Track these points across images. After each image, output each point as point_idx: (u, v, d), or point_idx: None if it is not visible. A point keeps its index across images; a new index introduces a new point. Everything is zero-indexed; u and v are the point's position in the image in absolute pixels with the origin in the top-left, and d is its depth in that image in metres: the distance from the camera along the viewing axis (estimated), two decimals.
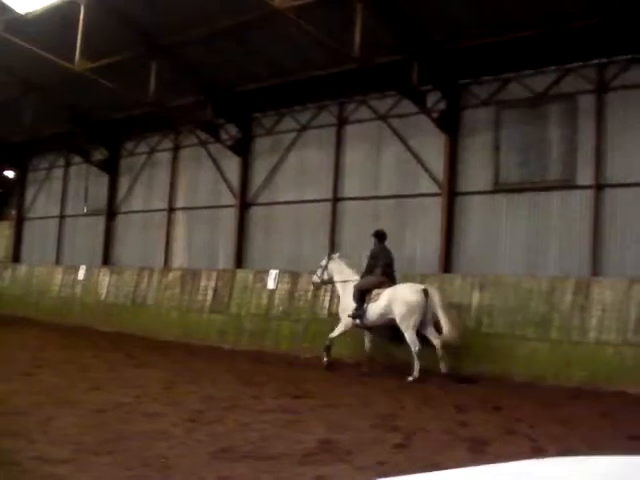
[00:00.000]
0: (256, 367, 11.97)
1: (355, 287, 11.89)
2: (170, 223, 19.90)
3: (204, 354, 13.63)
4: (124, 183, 21.73)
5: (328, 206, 16.11)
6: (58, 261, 23.59)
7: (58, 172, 24.78)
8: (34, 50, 16.30)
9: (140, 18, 15.96)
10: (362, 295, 11.72)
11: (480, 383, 10.49)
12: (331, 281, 12.59)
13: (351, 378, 11.01)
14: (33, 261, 24.41)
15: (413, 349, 10.95)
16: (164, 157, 20.49)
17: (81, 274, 20.52)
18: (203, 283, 16.60)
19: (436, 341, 11.06)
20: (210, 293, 16.23)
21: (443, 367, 10.92)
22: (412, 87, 13.77)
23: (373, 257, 12.18)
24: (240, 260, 17.62)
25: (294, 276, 14.92)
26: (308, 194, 16.56)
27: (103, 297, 19.20)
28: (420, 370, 10.75)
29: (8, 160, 26.76)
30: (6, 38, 16.43)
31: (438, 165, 14.23)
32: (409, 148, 14.78)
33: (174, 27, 15.71)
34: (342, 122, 16.23)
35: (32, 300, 21.94)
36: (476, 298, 12.05)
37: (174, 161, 20.14)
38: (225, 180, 18.42)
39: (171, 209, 19.95)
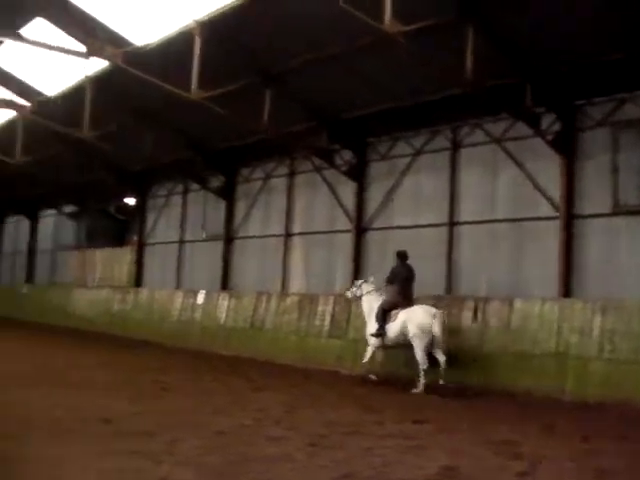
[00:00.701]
0: (372, 392, 12.30)
1: (378, 307, 13.34)
2: (287, 248, 20.72)
3: (322, 378, 14.07)
4: (241, 209, 22.75)
5: (444, 230, 16.44)
6: (178, 285, 24.86)
7: (177, 199, 26.16)
8: (152, 80, 17.47)
9: (253, 47, 16.78)
10: (383, 315, 13.15)
11: (605, 412, 10.50)
12: (360, 297, 14.23)
13: (463, 403, 11.26)
14: (154, 285, 25.76)
15: (421, 366, 12.41)
16: (280, 183, 21.36)
17: (200, 298, 21.54)
18: (320, 308, 17.16)
19: (441, 359, 12.51)
20: (328, 318, 16.79)
21: (441, 380, 12.37)
22: (526, 109, 14.00)
23: (393, 274, 13.60)
24: None
25: None
26: (423, 218, 16.95)
27: (222, 321, 20.09)
28: (425, 384, 12.22)
29: (129, 188, 28.41)
30: (125, 69, 17.67)
31: (554, 188, 14.33)
32: (524, 171, 14.96)
33: (287, 55, 16.44)
34: (456, 146, 16.56)
35: (153, 324, 23.16)
36: (598, 323, 12.07)
37: (290, 187, 20.98)
38: (341, 205, 19.04)
39: (288, 234, 20.77)
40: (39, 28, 19.07)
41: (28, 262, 37.12)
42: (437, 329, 12.52)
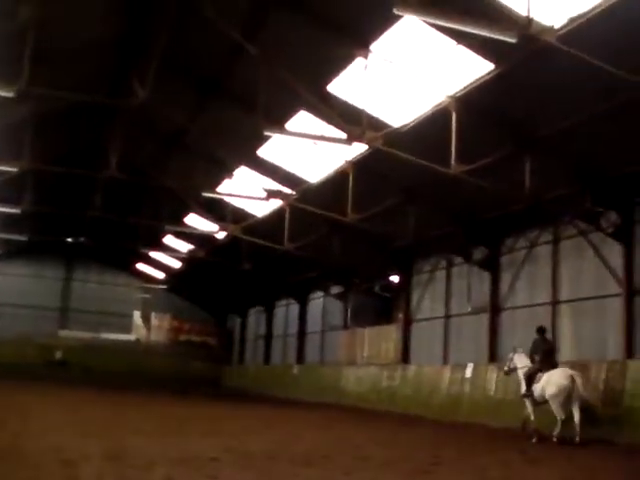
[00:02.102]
0: None
1: (523, 374, 15.93)
2: (554, 316, 20.93)
3: (598, 451, 13.87)
4: (505, 279, 23.36)
5: None
6: (445, 360, 25.70)
7: (441, 273, 27.31)
8: (411, 159, 18.83)
9: (512, 115, 17.65)
10: (529, 379, 15.64)
11: None
12: (515, 369, 16.41)
13: None
14: (421, 361, 26.83)
15: (558, 417, 14.69)
16: (544, 250, 21.80)
17: (468, 372, 22.19)
18: (592, 375, 17.13)
19: (576, 415, 14.59)
20: (601, 386, 16.73)
21: (577, 437, 14.40)
22: None
23: (534, 346, 16.12)
24: (630, 350, 17.96)
25: None
26: None
27: (492, 393, 20.54)
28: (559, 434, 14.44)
29: (393, 265, 30.03)
30: (385, 151, 19.23)
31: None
32: None
33: (547, 118, 17.06)
34: None
35: (422, 399, 24.10)
36: None
37: (554, 254, 21.33)
38: (608, 268, 19.08)
39: (554, 302, 21.01)
40: (301, 120, 21.41)
41: (298, 343, 39.95)
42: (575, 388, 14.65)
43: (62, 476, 7.50)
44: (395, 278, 31.19)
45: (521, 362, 16.18)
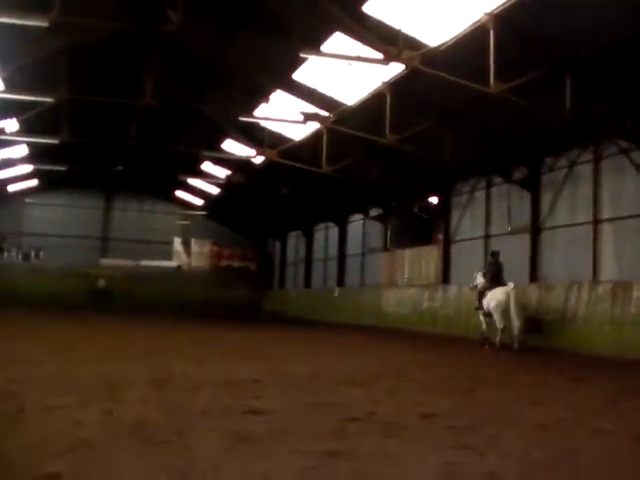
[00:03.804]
0: None
1: (477, 291, 19.24)
2: (596, 236, 21.06)
3: None
4: (546, 199, 23.43)
5: None
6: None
7: (480, 194, 27.43)
8: (450, 79, 18.77)
9: (551, 34, 17.41)
10: (480, 295, 18.95)
11: None
12: (475, 287, 19.57)
13: None
14: (461, 281, 27.13)
15: (498, 326, 18.07)
16: (585, 169, 21.78)
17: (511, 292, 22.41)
18: (635, 294, 17.33)
19: (515, 324, 17.53)
20: None
21: (516, 344, 17.41)
22: None
23: (487, 268, 19.48)
24: None
25: None
26: None
27: (532, 313, 20.81)
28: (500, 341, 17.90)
29: (432, 187, 30.17)
30: (422, 71, 19.19)
31: None
32: None
33: (585, 38, 16.82)
34: None
35: (462, 320, 24.47)
36: None
37: (595, 172, 21.31)
38: None
39: (596, 221, 21.11)
40: (337, 42, 21.27)
41: (338, 266, 40.51)
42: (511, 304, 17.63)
43: (108, 399, 7.73)
44: (434, 199, 31.32)
45: (479, 281, 19.34)
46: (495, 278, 18.79)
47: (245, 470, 4.96)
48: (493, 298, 18.11)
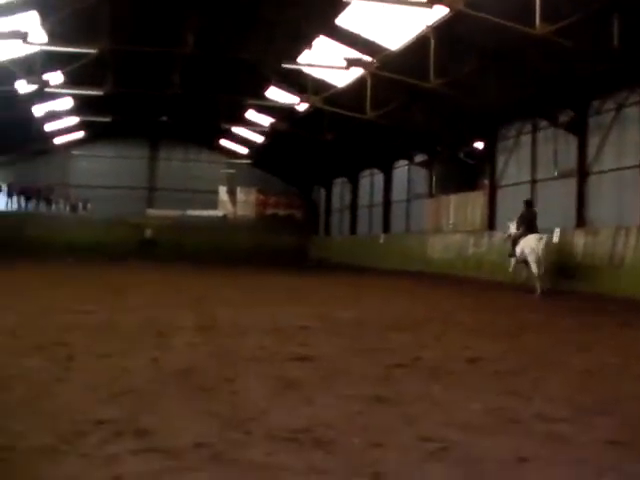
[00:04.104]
0: None
1: (511, 239, 19.75)
2: None
3: None
4: (593, 143, 23.07)
5: None
6: None
7: (526, 138, 27.10)
8: (494, 21, 18.46)
9: None
10: (514, 243, 19.35)
11: None
12: (510, 235, 20.14)
13: None
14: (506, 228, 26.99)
15: (534, 272, 18.24)
16: (632, 112, 21.36)
17: (555, 237, 22.25)
18: None
19: (536, 270, 18.18)
20: None
21: (539, 288, 17.98)
22: None
23: (521, 217, 19.68)
24: None
25: None
26: None
27: (579, 258, 20.70)
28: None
29: (477, 132, 29.87)
30: (467, 14, 18.89)
31: None
32: None
33: None
34: None
35: (507, 265, 24.32)
36: None
37: None
38: None
39: None
40: None
41: (384, 213, 40.51)
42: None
43: (156, 346, 7.94)
44: (479, 144, 31.03)
45: (512, 230, 19.92)
46: (529, 226, 19.19)
47: (292, 415, 5.10)
48: (527, 245, 18.47)
